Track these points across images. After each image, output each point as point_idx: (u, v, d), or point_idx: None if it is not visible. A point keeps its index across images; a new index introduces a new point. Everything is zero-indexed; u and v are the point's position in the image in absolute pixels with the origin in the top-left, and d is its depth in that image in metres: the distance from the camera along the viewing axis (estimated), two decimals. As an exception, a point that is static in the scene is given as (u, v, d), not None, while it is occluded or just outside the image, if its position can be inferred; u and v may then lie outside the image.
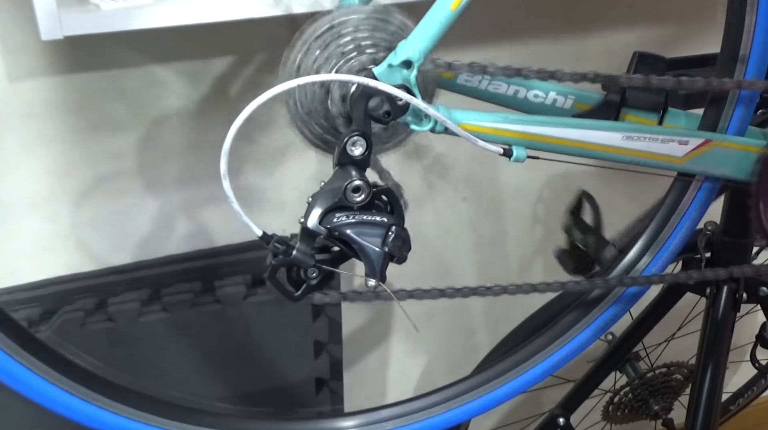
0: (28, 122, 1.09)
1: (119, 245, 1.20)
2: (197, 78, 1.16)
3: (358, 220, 0.68)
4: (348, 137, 0.69)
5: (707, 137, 0.85)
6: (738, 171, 0.88)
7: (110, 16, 0.94)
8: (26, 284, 1.15)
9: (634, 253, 0.93)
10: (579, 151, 0.79)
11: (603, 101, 0.86)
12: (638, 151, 0.81)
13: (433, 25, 0.70)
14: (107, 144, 1.15)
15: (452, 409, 0.88)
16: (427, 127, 0.72)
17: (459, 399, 0.89)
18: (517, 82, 0.82)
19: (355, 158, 0.70)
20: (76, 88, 1.10)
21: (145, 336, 1.16)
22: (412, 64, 0.70)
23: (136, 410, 0.81)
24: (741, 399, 1.54)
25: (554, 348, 0.91)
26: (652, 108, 0.88)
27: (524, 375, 0.91)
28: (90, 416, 0.78)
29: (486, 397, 0.89)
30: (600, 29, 1.40)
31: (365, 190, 0.68)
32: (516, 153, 0.75)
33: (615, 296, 0.92)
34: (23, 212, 1.14)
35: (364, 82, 0.68)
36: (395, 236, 0.68)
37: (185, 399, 0.86)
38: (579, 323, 0.92)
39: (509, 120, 0.76)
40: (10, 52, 1.05)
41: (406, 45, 0.70)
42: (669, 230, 0.92)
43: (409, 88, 0.70)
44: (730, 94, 0.86)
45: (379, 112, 0.69)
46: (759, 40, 0.83)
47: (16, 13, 1.02)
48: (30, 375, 0.76)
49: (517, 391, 0.91)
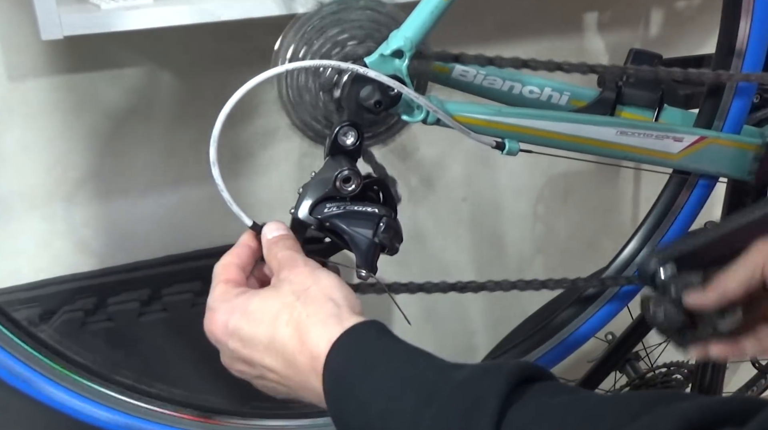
0: (28, 122, 1.10)
1: (119, 245, 1.20)
2: (197, 78, 1.17)
3: (348, 210, 0.68)
4: (339, 127, 0.69)
5: (702, 134, 0.85)
6: (734, 169, 0.88)
7: (110, 16, 0.95)
8: (26, 284, 1.15)
9: (630, 251, 0.93)
10: (572, 146, 0.79)
11: (598, 98, 0.86)
12: (632, 147, 0.81)
13: (425, 14, 0.70)
14: (107, 144, 1.15)
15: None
16: (419, 118, 0.72)
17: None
18: (512, 78, 0.82)
19: (347, 148, 0.70)
20: (76, 88, 1.11)
21: (145, 336, 1.16)
22: (404, 54, 0.70)
23: (148, 412, 0.81)
24: (741, 399, 1.54)
25: (550, 345, 0.91)
26: (648, 105, 0.87)
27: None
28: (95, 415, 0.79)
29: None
30: (600, 29, 1.40)
31: (356, 180, 0.68)
32: (509, 146, 0.75)
33: (611, 294, 0.92)
34: (23, 212, 1.14)
35: (356, 70, 0.68)
36: (386, 226, 0.68)
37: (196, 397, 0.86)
38: (574, 321, 0.92)
39: (502, 113, 0.75)
40: (10, 52, 1.06)
41: (398, 34, 0.70)
42: (665, 227, 0.91)
43: (400, 77, 0.70)
44: (726, 91, 0.86)
45: (370, 101, 0.69)
46: (755, 34, 0.83)
47: (16, 13, 1.03)
48: (34, 374, 0.76)
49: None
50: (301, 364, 0.60)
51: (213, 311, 0.66)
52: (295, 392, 0.63)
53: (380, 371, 0.57)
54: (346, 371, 0.58)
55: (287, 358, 0.61)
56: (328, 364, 0.59)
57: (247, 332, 0.63)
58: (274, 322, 0.62)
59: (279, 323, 0.62)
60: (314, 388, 0.60)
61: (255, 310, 0.63)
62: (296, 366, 0.61)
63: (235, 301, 0.65)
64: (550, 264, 1.53)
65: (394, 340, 0.60)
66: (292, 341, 0.61)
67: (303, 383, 0.61)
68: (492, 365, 0.55)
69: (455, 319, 1.52)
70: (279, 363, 0.62)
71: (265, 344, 0.62)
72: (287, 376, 0.62)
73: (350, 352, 0.59)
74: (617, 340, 1.30)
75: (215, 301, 0.66)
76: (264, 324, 0.62)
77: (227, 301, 0.65)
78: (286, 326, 0.61)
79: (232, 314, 0.64)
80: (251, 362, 0.64)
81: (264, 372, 0.64)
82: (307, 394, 0.62)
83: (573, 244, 1.55)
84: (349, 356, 0.59)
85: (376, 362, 0.58)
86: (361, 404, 0.57)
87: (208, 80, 1.17)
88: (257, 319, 0.63)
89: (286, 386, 0.63)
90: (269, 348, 0.62)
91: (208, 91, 1.17)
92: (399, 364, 0.58)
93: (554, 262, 1.53)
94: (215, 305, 0.66)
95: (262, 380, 0.65)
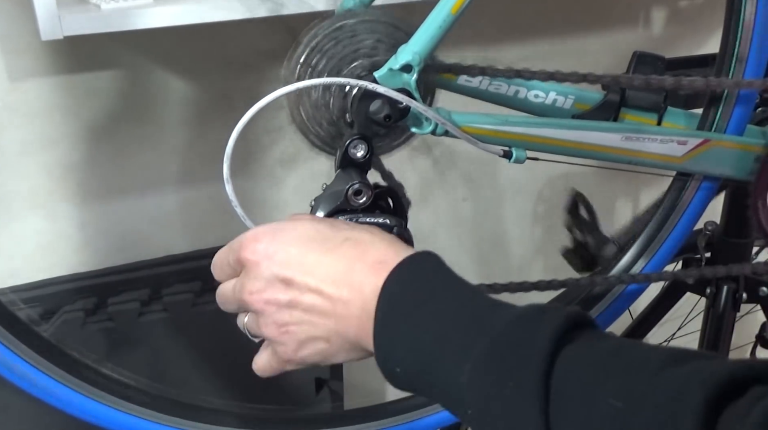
0: (28, 122, 1.10)
1: (119, 245, 1.20)
2: (197, 78, 1.17)
3: (360, 222, 0.68)
4: (349, 140, 0.70)
5: (706, 137, 0.85)
6: (737, 170, 0.88)
7: (110, 16, 0.95)
8: (26, 284, 1.16)
9: (633, 252, 0.93)
10: (579, 152, 0.80)
11: (603, 101, 0.86)
12: (637, 152, 0.82)
13: (434, 28, 0.70)
14: (107, 144, 1.15)
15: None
16: (427, 130, 0.73)
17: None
18: (517, 83, 0.82)
19: (357, 161, 0.70)
20: (76, 88, 1.10)
21: (145, 336, 1.16)
22: (413, 68, 0.70)
23: (146, 409, 0.81)
24: (741, 399, 1.54)
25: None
26: (652, 108, 0.87)
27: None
28: (100, 415, 0.79)
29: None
30: (600, 29, 1.40)
31: (367, 192, 0.69)
32: (516, 154, 0.76)
33: (613, 294, 0.92)
34: (23, 212, 1.14)
35: (365, 86, 0.68)
36: (398, 236, 0.68)
37: (195, 398, 0.86)
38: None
39: (509, 122, 0.76)
40: (11, 52, 1.06)
41: (407, 49, 0.70)
42: (668, 229, 0.92)
43: (409, 91, 0.70)
44: (729, 93, 0.86)
45: (380, 115, 0.70)
46: (758, 40, 0.83)
47: (16, 13, 1.03)
48: (38, 374, 0.76)
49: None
50: (359, 276, 0.58)
51: (251, 235, 0.61)
52: (331, 324, 0.59)
53: (436, 301, 0.56)
54: (404, 295, 0.57)
55: (343, 269, 0.58)
56: (386, 286, 0.57)
57: (296, 249, 0.59)
58: (334, 238, 0.60)
59: (338, 238, 0.60)
60: (357, 312, 0.57)
61: (306, 230, 0.61)
62: (350, 280, 0.58)
63: (279, 224, 0.62)
64: (550, 264, 1.53)
65: (452, 274, 0.60)
66: (352, 251, 0.59)
67: (348, 304, 0.58)
68: (547, 307, 0.54)
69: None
70: (329, 278, 0.58)
71: (316, 258, 0.59)
72: (332, 294, 0.58)
73: (410, 278, 0.58)
74: (617, 340, 1.30)
75: (246, 237, 0.61)
76: (318, 242, 0.60)
77: (269, 229, 0.61)
78: (345, 240, 0.60)
79: (275, 234, 0.60)
80: (291, 281, 0.59)
81: (303, 296, 0.59)
82: (345, 324, 0.58)
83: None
84: (408, 282, 0.57)
85: (434, 291, 0.57)
86: (411, 329, 0.55)
87: (209, 80, 1.17)
88: (310, 237, 0.60)
89: (322, 314, 0.59)
90: (321, 262, 0.59)
91: (208, 92, 1.17)
92: (455, 295, 0.57)
93: (554, 262, 1.53)
94: (251, 234, 0.61)
95: (292, 310, 0.59)
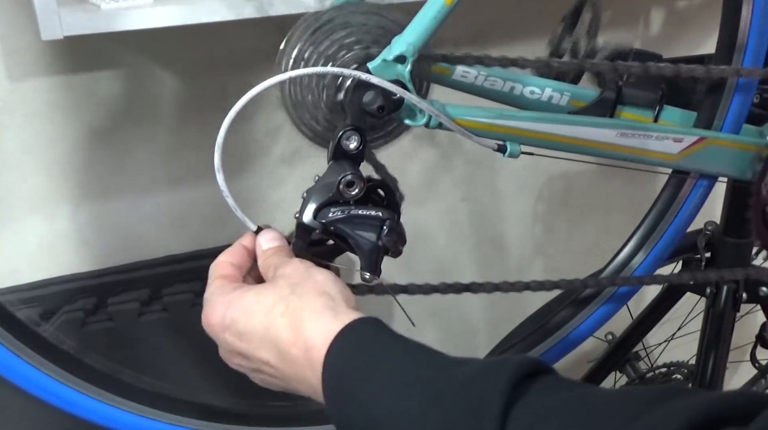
0: (28, 122, 1.10)
1: (119, 245, 1.20)
2: (198, 78, 1.17)
3: (352, 214, 0.68)
4: (342, 132, 0.70)
5: (702, 135, 0.85)
6: (733, 169, 0.88)
7: (110, 16, 0.95)
8: (26, 284, 1.16)
9: (628, 250, 0.93)
10: (573, 148, 0.80)
11: (599, 98, 0.86)
12: (633, 148, 0.82)
13: (428, 20, 0.70)
14: (107, 144, 1.15)
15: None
16: (421, 122, 0.73)
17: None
18: (513, 78, 0.82)
19: (350, 153, 0.70)
20: (76, 88, 1.11)
21: (145, 336, 1.16)
22: (407, 59, 0.70)
23: (146, 407, 0.81)
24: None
25: (549, 344, 0.91)
26: (648, 105, 0.88)
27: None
28: (100, 413, 0.79)
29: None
30: (600, 29, 1.39)
31: (359, 184, 0.69)
32: (510, 148, 0.76)
33: (608, 294, 0.92)
34: (23, 212, 1.14)
35: (358, 76, 0.68)
36: (390, 230, 0.68)
37: (195, 396, 0.86)
38: (572, 320, 0.92)
39: (503, 116, 0.76)
40: (11, 52, 1.06)
41: (401, 40, 0.70)
42: (663, 227, 0.92)
43: (403, 82, 0.70)
44: (726, 90, 0.86)
45: (373, 106, 0.69)
46: (756, 29, 0.83)
47: (16, 13, 1.03)
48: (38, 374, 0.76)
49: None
50: (296, 356, 0.61)
51: (210, 304, 0.67)
52: (290, 385, 0.64)
53: (383, 371, 0.57)
54: (348, 371, 0.58)
55: (282, 350, 0.62)
56: (327, 362, 0.59)
57: (243, 325, 0.64)
58: (269, 314, 0.63)
59: (274, 315, 0.62)
60: (309, 380, 0.61)
61: (251, 303, 0.64)
62: (291, 358, 0.61)
63: (232, 294, 0.66)
64: (549, 264, 1.53)
65: (394, 337, 0.60)
66: (286, 333, 0.61)
67: (297, 375, 0.62)
68: (494, 362, 0.55)
69: (456, 318, 1.52)
70: (274, 355, 0.62)
71: (260, 337, 0.63)
72: (282, 369, 0.63)
73: (350, 350, 0.59)
74: (617, 340, 1.30)
75: (212, 294, 0.67)
76: (259, 317, 0.63)
77: (224, 294, 0.66)
78: (281, 317, 0.62)
79: (228, 307, 0.65)
80: (247, 355, 0.64)
81: (260, 365, 0.64)
82: (302, 387, 0.62)
83: (573, 244, 1.55)
84: (349, 355, 0.59)
85: (378, 360, 0.58)
86: (363, 404, 0.57)
87: (209, 80, 1.17)
88: (253, 312, 0.64)
89: (281, 379, 0.64)
90: (264, 340, 0.63)
91: (208, 91, 1.17)
92: (401, 362, 0.58)
93: (554, 262, 1.53)
94: (212, 298, 0.67)
95: (259, 373, 0.66)
